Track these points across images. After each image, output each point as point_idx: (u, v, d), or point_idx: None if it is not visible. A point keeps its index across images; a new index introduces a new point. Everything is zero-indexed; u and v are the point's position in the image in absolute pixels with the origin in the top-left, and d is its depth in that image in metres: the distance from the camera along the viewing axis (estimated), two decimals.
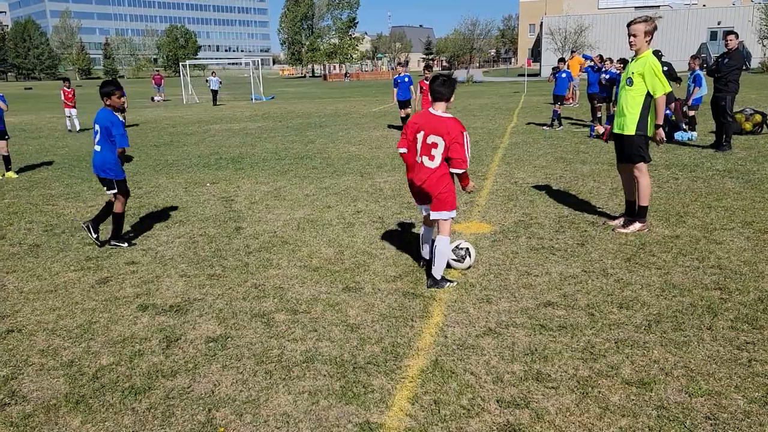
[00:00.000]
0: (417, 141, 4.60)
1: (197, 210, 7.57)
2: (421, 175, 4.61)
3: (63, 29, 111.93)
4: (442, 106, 4.59)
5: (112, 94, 5.92)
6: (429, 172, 4.58)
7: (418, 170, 4.64)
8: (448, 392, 3.21)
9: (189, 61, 43.71)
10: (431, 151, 4.53)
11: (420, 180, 4.63)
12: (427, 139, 4.53)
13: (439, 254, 4.59)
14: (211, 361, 3.63)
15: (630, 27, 5.69)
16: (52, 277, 5.23)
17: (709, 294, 4.36)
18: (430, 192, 4.62)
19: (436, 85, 4.57)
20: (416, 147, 4.62)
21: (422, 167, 4.60)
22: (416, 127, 4.61)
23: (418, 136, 4.59)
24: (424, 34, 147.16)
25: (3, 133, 10.38)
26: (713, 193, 7.43)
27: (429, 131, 4.52)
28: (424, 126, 4.56)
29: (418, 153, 4.62)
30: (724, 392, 3.11)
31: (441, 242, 4.60)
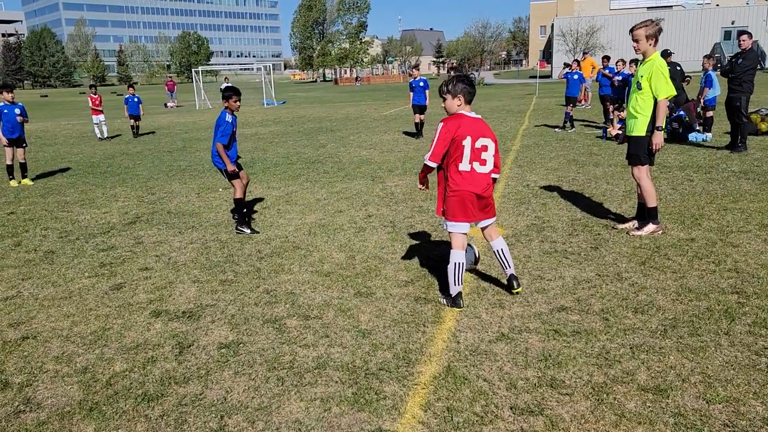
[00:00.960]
0: (463, 148, 4.18)
1: (210, 215, 7.61)
2: (481, 182, 4.25)
3: (78, 37, 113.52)
4: (469, 107, 4.33)
5: (230, 98, 6.67)
6: (486, 177, 4.29)
7: (473, 179, 4.23)
8: (461, 399, 3.19)
9: (201, 67, 44.08)
10: (481, 155, 4.23)
11: (482, 188, 4.25)
12: (476, 144, 4.20)
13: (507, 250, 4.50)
14: (224, 368, 3.63)
15: (632, 33, 5.69)
16: (66, 283, 5.27)
17: (726, 298, 4.30)
18: (490, 197, 4.36)
19: (468, 86, 4.30)
20: (461, 154, 4.19)
21: (476, 174, 4.24)
22: (459, 134, 4.18)
23: (464, 143, 4.17)
24: (434, 37, 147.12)
25: (21, 141, 10.56)
26: (729, 194, 7.33)
27: (477, 135, 4.21)
28: (469, 131, 4.19)
29: (466, 160, 4.20)
30: (743, 399, 3.06)
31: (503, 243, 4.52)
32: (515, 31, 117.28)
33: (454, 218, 4.30)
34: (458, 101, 4.28)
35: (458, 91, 4.26)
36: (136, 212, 7.96)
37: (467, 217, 4.28)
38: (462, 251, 4.32)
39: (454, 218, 4.30)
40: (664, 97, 5.58)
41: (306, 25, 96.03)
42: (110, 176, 11.12)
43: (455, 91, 4.27)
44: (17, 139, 10.49)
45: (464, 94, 4.27)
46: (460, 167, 4.22)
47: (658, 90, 5.57)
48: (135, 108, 18.04)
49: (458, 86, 4.26)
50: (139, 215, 7.78)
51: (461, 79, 4.32)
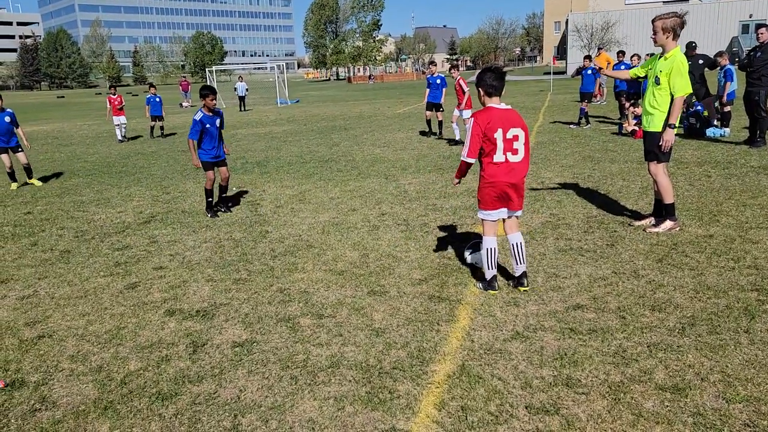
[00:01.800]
0: (495, 141, 4.24)
1: (223, 214, 7.63)
2: (516, 173, 4.34)
3: (93, 38, 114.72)
4: (497, 99, 4.34)
5: (206, 96, 7.21)
6: (520, 166, 4.36)
7: (509, 170, 4.32)
8: (476, 398, 3.16)
9: (215, 67, 44.30)
10: (513, 145, 4.28)
11: (517, 177, 4.35)
12: (507, 135, 4.25)
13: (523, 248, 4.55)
14: (237, 367, 3.64)
15: (652, 24, 5.58)
16: (82, 282, 5.32)
17: (745, 295, 4.21)
18: (523, 188, 4.45)
19: (494, 80, 4.28)
20: (495, 147, 4.26)
21: (511, 164, 4.31)
22: (490, 128, 4.22)
23: (495, 136, 4.22)
24: (447, 34, 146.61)
25: (17, 147, 10.40)
26: (748, 190, 7.20)
27: (508, 126, 4.25)
28: (500, 124, 4.22)
29: (500, 152, 4.27)
30: (764, 398, 2.99)
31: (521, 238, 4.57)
32: (529, 27, 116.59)
33: (486, 207, 4.44)
34: (482, 94, 4.34)
35: (479, 84, 4.32)
36: (151, 212, 8.02)
37: (499, 206, 4.41)
38: (494, 237, 4.46)
39: (486, 207, 4.44)
40: (681, 95, 5.48)
41: (319, 23, 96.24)
42: (125, 176, 11.21)
43: (478, 84, 4.34)
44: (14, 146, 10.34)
45: (484, 87, 4.30)
46: (495, 159, 4.30)
47: (675, 87, 5.48)
48: (158, 108, 17.87)
49: (480, 78, 4.30)
50: (153, 215, 7.83)
51: (485, 70, 4.34)
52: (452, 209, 7.20)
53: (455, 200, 7.66)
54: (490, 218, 4.48)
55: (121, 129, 17.50)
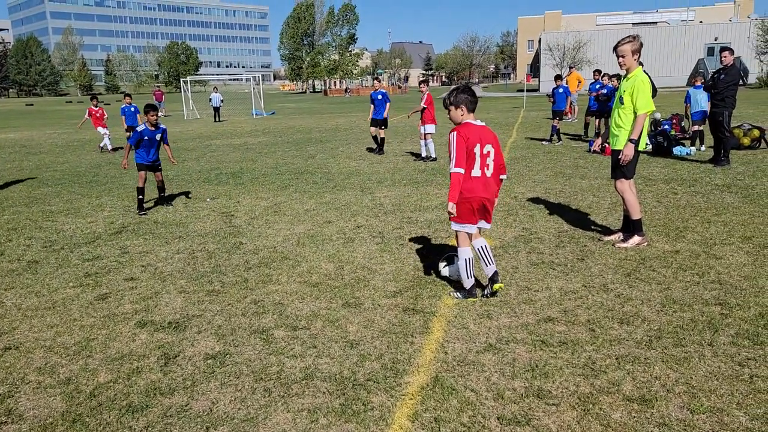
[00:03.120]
0: (474, 155, 4.44)
1: (197, 225, 7.57)
2: (491, 186, 4.58)
3: (65, 46, 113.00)
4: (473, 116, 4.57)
5: (148, 113, 8.43)
6: (494, 180, 4.61)
7: (486, 184, 4.52)
8: (449, 409, 3.19)
9: (190, 77, 43.99)
10: (486, 160, 4.51)
11: (492, 192, 4.59)
12: (483, 150, 4.48)
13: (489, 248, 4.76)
14: (210, 379, 3.60)
15: (617, 49, 5.79)
16: (50, 293, 5.21)
17: (709, 309, 4.35)
18: (493, 201, 4.66)
19: (474, 97, 4.53)
20: (473, 161, 4.45)
21: (487, 179, 4.54)
22: (470, 143, 4.42)
23: (474, 150, 4.43)
24: (423, 50, 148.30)
25: None
26: (712, 207, 7.43)
27: (484, 141, 4.48)
28: (477, 139, 4.45)
29: (477, 166, 4.46)
30: (726, 409, 3.09)
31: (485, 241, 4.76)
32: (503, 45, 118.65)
33: (463, 220, 4.58)
34: (461, 111, 4.52)
35: (460, 102, 4.50)
36: (122, 222, 7.91)
37: (474, 219, 4.59)
38: (468, 248, 4.65)
39: (463, 220, 4.58)
40: (643, 112, 5.67)
41: (295, 36, 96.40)
42: (96, 186, 11.03)
43: (457, 102, 4.51)
44: None
45: (466, 104, 4.50)
46: (473, 173, 4.47)
47: (637, 105, 5.68)
48: (133, 118, 17.22)
49: (459, 97, 4.49)
50: (125, 225, 7.72)
51: (462, 89, 4.54)
52: (427, 222, 7.27)
53: (430, 213, 7.73)
54: (466, 230, 4.62)
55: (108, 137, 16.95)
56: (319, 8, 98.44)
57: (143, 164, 8.59)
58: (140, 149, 8.56)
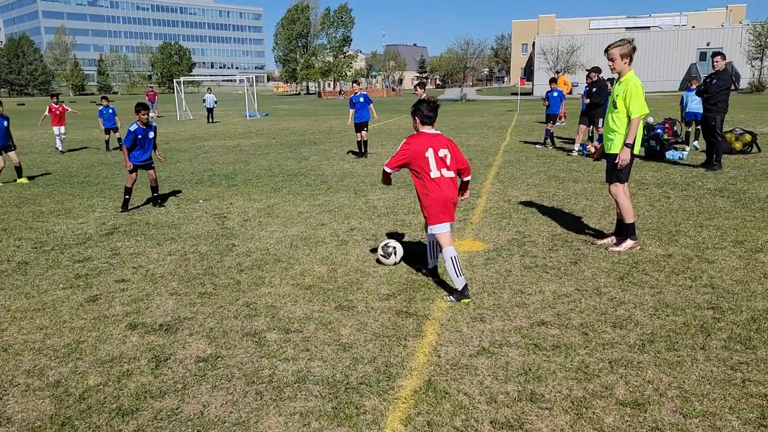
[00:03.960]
0: (428, 159, 4.71)
1: (189, 227, 7.52)
2: (450, 186, 4.80)
3: (57, 46, 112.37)
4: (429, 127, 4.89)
5: (139, 111, 8.42)
6: (453, 181, 4.85)
7: (445, 184, 4.76)
8: (442, 413, 3.17)
9: (183, 78, 43.84)
10: (446, 162, 4.78)
11: (452, 191, 4.81)
12: (438, 153, 4.74)
13: None
14: (201, 382, 3.57)
15: (607, 53, 5.81)
16: (40, 295, 5.16)
17: (702, 313, 4.36)
18: (455, 201, 4.88)
19: (429, 111, 4.83)
20: (428, 164, 4.71)
21: (446, 179, 4.77)
22: (420, 148, 4.72)
23: (427, 155, 4.70)
24: (418, 52, 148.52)
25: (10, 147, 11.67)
26: (705, 212, 7.47)
27: (438, 146, 4.76)
28: (429, 144, 4.74)
29: (434, 168, 4.72)
30: (719, 413, 3.09)
31: None
32: (497, 48, 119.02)
33: (437, 221, 4.78)
34: (417, 122, 4.92)
35: (416, 114, 4.89)
36: (114, 223, 7.85)
37: (448, 217, 4.80)
38: (452, 247, 4.77)
39: (437, 221, 4.78)
40: (637, 116, 5.67)
41: (289, 38, 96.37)
42: (88, 186, 10.96)
43: (414, 114, 4.92)
44: (7, 146, 11.58)
45: (420, 117, 4.87)
46: (431, 175, 4.73)
47: (630, 108, 5.68)
48: (111, 120, 17.38)
49: (417, 110, 4.88)
50: (116, 226, 7.67)
51: (421, 103, 4.90)
52: (421, 225, 7.25)
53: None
54: (442, 231, 4.80)
55: (61, 138, 16.94)
56: (313, 10, 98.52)
57: (135, 164, 8.62)
58: (135, 150, 8.57)
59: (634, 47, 5.76)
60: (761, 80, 44.35)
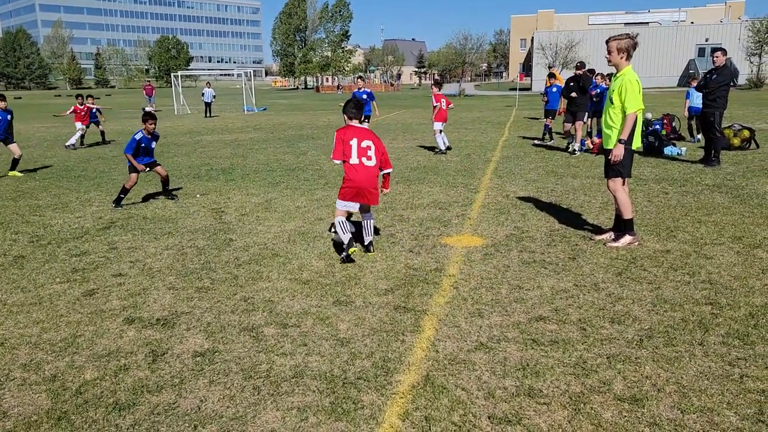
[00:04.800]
0: (351, 147, 5.63)
1: (186, 222, 7.50)
2: (368, 174, 5.66)
3: (54, 39, 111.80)
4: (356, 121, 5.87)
5: (146, 121, 8.49)
6: (373, 171, 5.70)
7: (363, 171, 5.64)
8: (439, 408, 3.17)
9: (180, 72, 43.69)
10: (367, 153, 5.66)
11: (368, 179, 5.64)
12: (361, 144, 5.65)
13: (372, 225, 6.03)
14: (198, 376, 3.56)
15: (606, 45, 5.79)
16: (36, 289, 5.14)
17: (700, 309, 4.36)
18: (373, 187, 5.70)
19: (354, 108, 5.85)
20: (350, 152, 5.63)
21: (364, 167, 5.65)
22: (346, 137, 5.68)
23: (351, 143, 5.64)
24: (416, 47, 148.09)
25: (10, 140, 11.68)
26: (703, 207, 7.47)
27: (362, 138, 5.69)
28: (354, 135, 5.68)
29: (354, 155, 5.63)
30: (717, 409, 3.09)
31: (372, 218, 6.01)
32: (496, 43, 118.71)
33: (343, 199, 5.77)
34: (346, 118, 5.89)
35: (345, 112, 5.90)
36: (111, 217, 7.82)
37: (355, 200, 5.73)
38: (342, 216, 5.78)
39: (343, 199, 5.77)
40: (632, 111, 5.65)
41: (287, 32, 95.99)
42: (85, 180, 10.92)
43: (344, 112, 5.91)
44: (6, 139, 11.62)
45: (348, 113, 5.88)
46: (351, 161, 5.64)
47: (625, 104, 5.66)
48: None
49: (346, 108, 5.88)
50: (113, 220, 7.64)
51: (348, 102, 5.95)
52: (419, 220, 7.24)
53: (421, 211, 7.71)
54: (346, 208, 5.81)
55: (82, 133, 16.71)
56: (311, 4, 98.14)
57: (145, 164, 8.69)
58: (137, 157, 8.62)
59: (634, 43, 5.71)
60: (760, 76, 44.34)
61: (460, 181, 9.80)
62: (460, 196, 8.63)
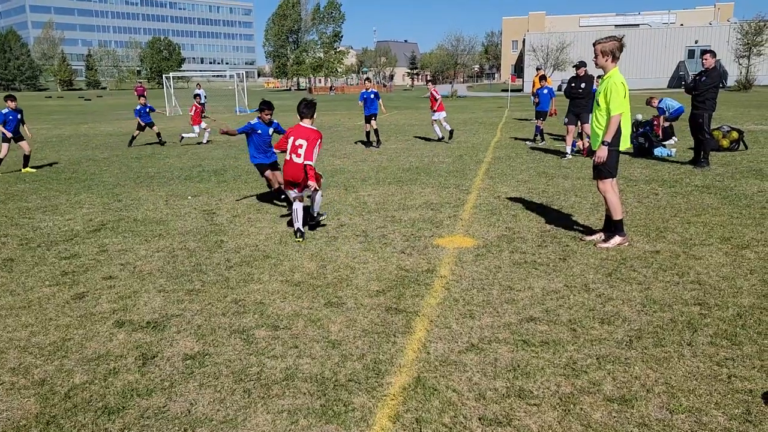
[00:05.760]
0: (287, 143, 6.51)
1: (178, 223, 7.47)
2: (295, 169, 6.45)
3: (45, 40, 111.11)
4: (308, 121, 6.64)
5: (262, 110, 8.35)
6: (299, 165, 6.43)
7: (292, 166, 6.48)
8: (430, 410, 3.17)
9: (172, 73, 43.51)
10: (297, 151, 6.43)
11: (295, 173, 6.46)
12: (295, 142, 6.44)
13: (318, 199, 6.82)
14: (188, 380, 3.55)
15: (593, 47, 5.86)
16: (26, 292, 5.10)
17: (689, 310, 4.39)
18: (299, 179, 6.47)
19: (304, 108, 6.58)
20: (287, 147, 6.51)
21: (293, 163, 6.47)
22: (288, 135, 6.58)
23: (288, 141, 6.49)
24: (409, 48, 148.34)
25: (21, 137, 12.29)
26: (692, 208, 7.52)
27: (297, 136, 6.46)
28: (293, 134, 6.51)
29: (288, 152, 6.48)
30: (705, 409, 3.11)
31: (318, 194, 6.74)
32: (488, 45, 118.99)
33: (287, 188, 6.73)
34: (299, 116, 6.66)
35: (298, 110, 6.65)
36: (101, 219, 7.78)
37: (292, 188, 6.61)
38: (300, 203, 6.55)
39: (287, 188, 6.73)
40: (615, 114, 5.68)
41: (280, 33, 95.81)
42: (75, 182, 10.85)
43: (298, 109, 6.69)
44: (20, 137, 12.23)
45: (299, 112, 6.64)
46: (285, 156, 6.53)
47: (610, 106, 5.70)
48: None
49: (298, 107, 6.64)
50: (104, 222, 7.60)
51: (301, 101, 6.66)
52: (411, 221, 7.25)
53: (414, 212, 7.72)
54: (289, 195, 6.69)
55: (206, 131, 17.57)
56: (304, 5, 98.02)
57: (265, 164, 8.38)
58: (250, 147, 8.32)
59: (620, 45, 5.75)
60: (748, 78, 44.69)
61: (452, 182, 9.82)
62: (452, 197, 8.64)
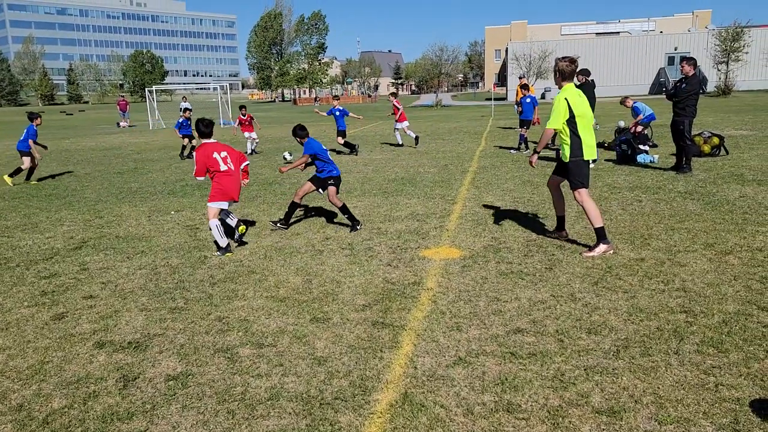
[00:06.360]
0: (217, 160, 6.50)
1: (160, 239, 7.37)
2: (236, 178, 6.67)
3: (25, 55, 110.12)
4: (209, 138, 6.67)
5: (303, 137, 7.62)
6: (237, 174, 6.68)
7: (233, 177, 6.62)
8: (418, 427, 3.12)
9: (155, 86, 43.27)
10: (227, 161, 6.57)
11: (238, 182, 6.70)
12: (221, 154, 6.55)
13: None
14: (171, 401, 3.47)
15: None
16: (3, 314, 4.98)
17: (675, 317, 4.39)
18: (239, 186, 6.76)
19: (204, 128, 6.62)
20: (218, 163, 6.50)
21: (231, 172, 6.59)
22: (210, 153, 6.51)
23: (215, 157, 6.50)
24: (393, 59, 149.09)
25: None
26: (676, 215, 7.57)
27: (219, 150, 6.59)
28: (215, 149, 6.55)
29: (222, 165, 6.53)
30: (693, 419, 3.10)
31: None
32: (471, 54, 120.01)
33: (217, 200, 6.56)
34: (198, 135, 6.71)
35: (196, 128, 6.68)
36: (82, 237, 7.65)
37: (226, 198, 6.59)
38: (216, 219, 6.52)
39: (217, 200, 6.56)
40: (548, 128, 6.08)
41: (263, 45, 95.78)
42: (56, 199, 10.69)
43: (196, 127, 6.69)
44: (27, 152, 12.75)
45: (199, 132, 6.67)
46: (221, 169, 6.52)
47: (549, 119, 6.05)
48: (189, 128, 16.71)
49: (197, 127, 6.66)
50: (85, 240, 7.48)
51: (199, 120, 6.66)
52: (397, 233, 7.22)
53: (400, 224, 7.69)
54: (216, 206, 6.56)
55: (252, 141, 17.89)
56: (287, 17, 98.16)
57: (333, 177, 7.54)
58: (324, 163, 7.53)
59: (569, 64, 6.01)
60: (727, 84, 45.41)
61: (437, 192, 9.82)
62: (437, 208, 8.63)
